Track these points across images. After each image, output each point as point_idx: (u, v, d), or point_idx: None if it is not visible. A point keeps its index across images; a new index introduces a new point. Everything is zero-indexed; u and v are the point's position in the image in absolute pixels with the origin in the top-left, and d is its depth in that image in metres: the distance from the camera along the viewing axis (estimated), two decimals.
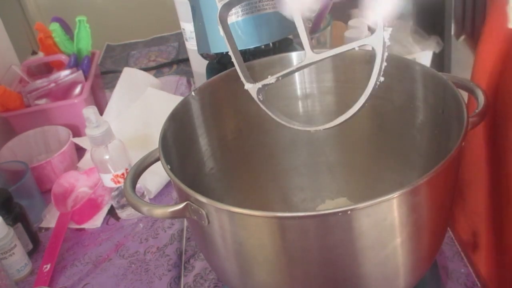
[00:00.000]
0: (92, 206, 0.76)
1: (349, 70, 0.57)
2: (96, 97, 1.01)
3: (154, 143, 0.47)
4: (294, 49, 0.72)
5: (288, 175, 0.65)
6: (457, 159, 0.42)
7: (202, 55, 0.76)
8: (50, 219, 0.78)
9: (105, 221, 0.76)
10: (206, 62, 0.80)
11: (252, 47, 0.67)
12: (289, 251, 0.40)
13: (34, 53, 1.12)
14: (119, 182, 0.71)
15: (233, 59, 0.46)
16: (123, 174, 0.71)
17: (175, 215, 0.42)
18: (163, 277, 0.64)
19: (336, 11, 0.96)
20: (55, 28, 1.01)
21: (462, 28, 2.61)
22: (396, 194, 0.36)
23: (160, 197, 0.79)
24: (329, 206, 0.64)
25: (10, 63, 1.06)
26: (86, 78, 0.98)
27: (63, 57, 1.01)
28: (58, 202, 0.76)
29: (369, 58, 0.54)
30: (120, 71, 1.02)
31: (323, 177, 0.65)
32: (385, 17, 0.31)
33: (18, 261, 0.66)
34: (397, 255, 0.41)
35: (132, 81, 1.00)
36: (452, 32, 2.42)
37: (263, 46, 0.68)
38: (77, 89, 0.96)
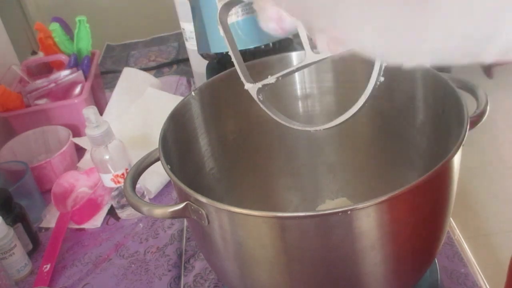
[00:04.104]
0: (92, 206, 0.76)
1: (349, 70, 0.57)
2: (96, 97, 1.01)
3: (154, 143, 0.47)
4: (294, 49, 0.72)
5: (288, 175, 0.65)
6: (457, 159, 0.42)
7: (202, 55, 0.76)
8: (50, 219, 0.78)
9: (105, 221, 0.76)
10: (206, 62, 0.80)
11: (252, 47, 0.67)
12: (289, 251, 0.40)
13: (34, 53, 1.12)
14: (119, 182, 0.71)
15: (233, 59, 0.46)
16: (123, 174, 0.71)
17: (175, 215, 0.42)
18: (163, 277, 0.64)
19: None
20: (55, 28, 1.01)
21: None
22: (396, 194, 0.36)
23: (160, 197, 0.79)
24: (329, 206, 0.64)
25: (10, 63, 1.06)
26: (86, 78, 0.98)
27: (63, 57, 1.01)
28: (58, 202, 0.76)
29: (369, 58, 0.54)
30: (120, 71, 1.02)
31: (323, 177, 0.65)
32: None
33: (18, 261, 0.66)
34: (397, 255, 0.41)
35: (132, 81, 1.00)
36: None
37: (263, 46, 0.68)
38: (77, 89, 0.96)
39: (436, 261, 0.57)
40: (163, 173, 0.46)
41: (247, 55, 0.68)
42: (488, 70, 2.35)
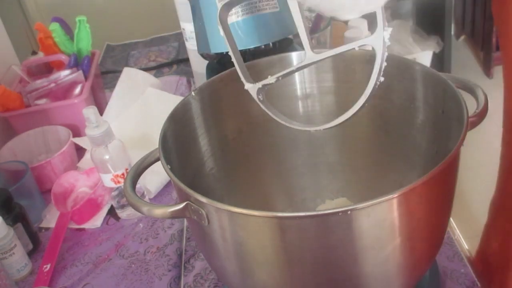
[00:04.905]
0: (92, 206, 0.76)
1: (349, 70, 0.57)
2: (96, 97, 1.01)
3: (154, 143, 0.47)
4: (294, 49, 0.72)
5: (288, 175, 0.65)
6: (457, 159, 0.42)
7: (202, 55, 0.76)
8: (50, 219, 0.78)
9: (105, 221, 0.76)
10: (206, 62, 0.80)
11: (252, 47, 0.67)
12: (289, 251, 0.40)
13: (34, 53, 1.12)
14: (119, 182, 0.71)
15: (233, 59, 0.46)
16: (123, 174, 0.71)
17: (175, 215, 0.42)
18: (163, 277, 0.64)
19: None
20: (55, 28, 1.01)
21: (462, 28, 2.61)
22: (396, 194, 0.36)
23: (160, 197, 0.79)
24: (329, 206, 0.64)
25: (10, 63, 1.06)
26: (86, 78, 0.98)
27: (63, 57, 1.01)
28: (58, 202, 0.76)
29: (369, 58, 0.54)
30: (120, 71, 1.02)
31: (323, 177, 0.65)
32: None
33: (18, 261, 0.66)
34: (397, 255, 0.41)
35: (132, 81, 1.00)
36: (452, 32, 2.42)
37: (263, 46, 0.68)
38: (77, 89, 0.96)
39: (436, 261, 0.57)
40: (163, 173, 0.46)
41: (247, 55, 0.68)
42: (488, 70, 2.35)
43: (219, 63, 0.76)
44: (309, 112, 0.61)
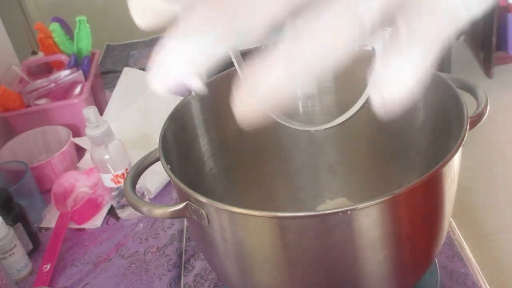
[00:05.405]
0: (92, 206, 0.76)
1: (349, 70, 0.57)
2: (96, 97, 1.01)
3: (154, 143, 0.47)
4: None
5: (288, 175, 0.64)
6: (457, 159, 0.42)
7: None
8: (50, 219, 0.78)
9: (105, 221, 0.76)
10: None
11: (252, 47, 0.67)
12: (289, 251, 0.40)
13: (34, 53, 1.12)
14: (119, 182, 0.71)
15: (233, 59, 0.46)
16: (123, 174, 0.71)
17: (175, 215, 0.42)
18: (163, 277, 0.64)
19: None
20: (55, 28, 1.01)
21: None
22: (396, 194, 0.36)
23: (160, 197, 0.79)
24: (329, 206, 0.64)
25: (10, 63, 1.06)
26: (86, 78, 0.98)
27: (63, 57, 1.01)
28: (58, 202, 0.76)
29: (369, 58, 0.54)
30: (120, 71, 1.02)
31: (323, 177, 0.65)
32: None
33: (18, 261, 0.66)
34: (397, 255, 0.41)
35: (132, 81, 1.00)
36: None
37: (263, 46, 0.68)
38: (77, 89, 0.96)
39: (436, 261, 0.57)
40: (163, 173, 0.46)
41: (247, 55, 0.68)
42: (488, 70, 2.35)
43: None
44: (309, 112, 0.61)
